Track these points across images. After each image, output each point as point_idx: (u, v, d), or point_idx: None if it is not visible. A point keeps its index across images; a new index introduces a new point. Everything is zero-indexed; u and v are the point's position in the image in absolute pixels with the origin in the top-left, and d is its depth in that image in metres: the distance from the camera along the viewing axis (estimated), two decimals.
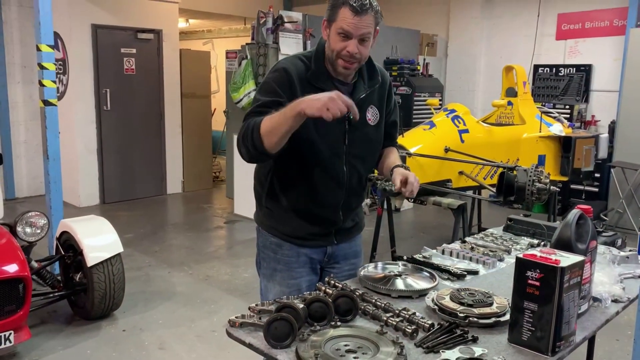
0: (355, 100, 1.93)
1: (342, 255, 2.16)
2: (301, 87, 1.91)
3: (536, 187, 3.54)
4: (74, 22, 6.87)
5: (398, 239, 4.99)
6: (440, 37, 8.71)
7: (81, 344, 3.51)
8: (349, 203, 2.08)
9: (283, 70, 1.93)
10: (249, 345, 1.54)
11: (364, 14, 1.83)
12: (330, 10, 1.89)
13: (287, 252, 2.08)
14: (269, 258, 2.13)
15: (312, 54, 1.99)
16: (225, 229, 6.45)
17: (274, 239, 2.11)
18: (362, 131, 2.03)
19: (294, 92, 1.89)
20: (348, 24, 1.84)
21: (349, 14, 1.83)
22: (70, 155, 7.04)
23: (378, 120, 2.08)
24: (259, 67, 6.28)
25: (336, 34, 1.87)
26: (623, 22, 6.82)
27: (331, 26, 1.88)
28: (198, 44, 12.21)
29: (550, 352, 1.49)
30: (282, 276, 2.09)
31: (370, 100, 2.05)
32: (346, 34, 1.85)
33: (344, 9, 1.84)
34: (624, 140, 6.27)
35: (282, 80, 1.92)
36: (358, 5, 1.82)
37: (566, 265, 1.48)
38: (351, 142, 2.01)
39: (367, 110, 2.04)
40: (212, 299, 4.31)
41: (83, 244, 3.57)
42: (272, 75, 1.97)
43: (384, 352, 1.45)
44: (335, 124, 1.91)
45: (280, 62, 2.02)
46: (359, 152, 2.04)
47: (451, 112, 4.79)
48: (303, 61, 1.97)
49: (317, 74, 1.95)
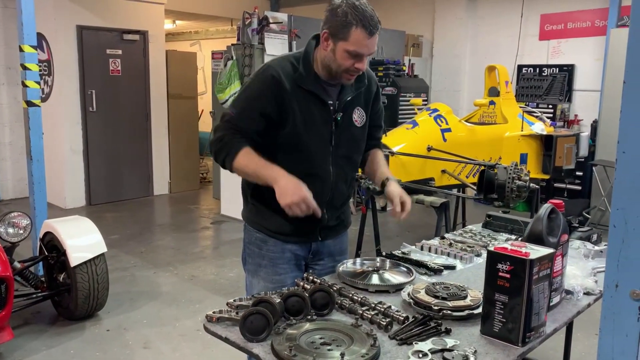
0: (342, 102, 2.01)
1: (327, 252, 2.18)
2: (291, 90, 1.93)
3: (516, 184, 3.59)
4: (59, 24, 6.84)
5: (383, 237, 5.02)
6: (426, 37, 8.77)
7: (65, 344, 3.50)
8: (333, 202, 2.10)
9: (271, 78, 1.92)
10: (225, 340, 1.56)
11: (375, 33, 1.85)
12: (339, 27, 1.84)
13: (272, 247, 2.10)
14: (254, 254, 2.15)
15: (300, 56, 1.99)
16: (212, 229, 6.46)
17: (259, 235, 2.12)
18: (349, 132, 2.07)
19: (283, 96, 1.92)
20: (362, 46, 1.84)
21: (362, 35, 1.82)
22: (55, 156, 7.01)
23: (364, 122, 2.11)
24: (244, 67, 6.30)
25: (345, 52, 1.86)
26: (604, 22, 6.92)
27: (338, 42, 1.86)
28: (185, 45, 12.20)
29: (521, 342, 1.53)
30: (267, 272, 2.10)
31: (357, 102, 2.08)
32: (358, 55, 1.86)
33: (357, 29, 1.82)
34: (606, 138, 6.35)
35: (268, 88, 1.92)
36: (372, 26, 1.83)
37: (535, 258, 1.52)
38: (338, 142, 2.04)
39: (353, 111, 2.07)
40: (197, 299, 4.32)
41: (66, 244, 3.57)
42: (258, 82, 1.96)
43: (358, 344, 1.48)
44: (322, 124, 1.98)
45: (269, 65, 1.99)
46: (345, 152, 2.08)
47: (434, 111, 4.84)
48: (292, 63, 1.97)
49: (306, 77, 1.95)
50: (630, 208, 1.10)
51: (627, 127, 1.10)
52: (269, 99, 1.92)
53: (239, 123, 1.95)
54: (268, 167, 1.90)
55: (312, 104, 1.97)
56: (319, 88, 1.97)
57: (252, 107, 1.94)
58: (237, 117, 1.95)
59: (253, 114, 1.94)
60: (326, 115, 2.00)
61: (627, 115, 1.09)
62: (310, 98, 1.96)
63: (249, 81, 2.01)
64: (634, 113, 1.08)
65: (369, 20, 1.82)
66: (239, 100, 2.00)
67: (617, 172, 1.13)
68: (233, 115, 1.96)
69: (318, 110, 1.98)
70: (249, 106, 1.95)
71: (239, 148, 1.92)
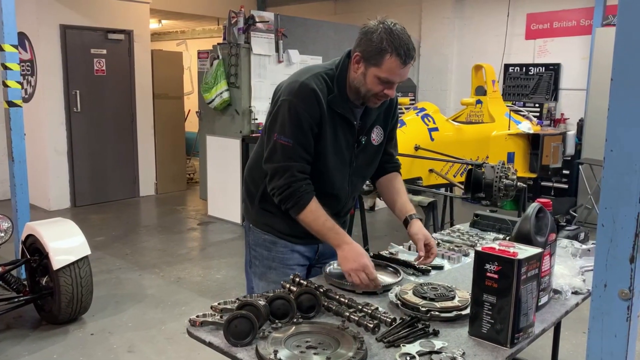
0: (367, 124, 1.99)
1: (330, 253, 2.12)
2: (325, 109, 1.87)
3: (503, 183, 3.58)
4: (42, 22, 6.74)
5: (372, 237, 5.00)
6: (413, 37, 8.70)
7: (47, 349, 3.44)
8: (341, 212, 2.13)
9: (313, 93, 1.85)
10: (209, 344, 1.52)
11: (409, 63, 1.81)
12: (373, 53, 1.79)
13: (281, 249, 2.08)
14: (261, 257, 2.11)
15: (334, 75, 1.91)
16: (199, 230, 6.39)
17: (268, 237, 2.09)
18: (367, 152, 2.06)
19: (321, 113, 1.86)
20: (394, 75, 1.81)
21: (396, 64, 1.78)
22: (39, 157, 6.91)
23: (382, 140, 2.10)
24: (230, 67, 6.25)
25: (376, 78, 1.82)
26: (589, 21, 6.96)
27: (370, 68, 1.82)
28: (172, 45, 12.11)
29: (509, 343, 1.51)
30: (278, 273, 2.07)
31: (377, 121, 2.06)
32: (389, 82, 1.83)
33: (391, 58, 1.78)
34: (592, 137, 6.39)
35: (312, 103, 1.85)
36: (407, 56, 1.78)
37: (523, 258, 1.50)
38: (357, 163, 2.04)
39: (372, 130, 2.05)
40: (184, 301, 4.27)
41: (49, 247, 3.51)
42: (300, 101, 1.85)
43: (345, 347, 1.45)
44: (346, 147, 1.97)
45: (302, 81, 1.88)
46: (361, 172, 2.10)
47: (421, 110, 4.83)
48: (326, 82, 1.90)
49: (339, 99, 1.90)
50: (618, 207, 1.08)
51: (614, 124, 1.08)
52: (313, 116, 1.86)
53: (296, 151, 1.87)
54: (332, 231, 1.90)
55: (340, 126, 1.93)
56: (348, 110, 1.92)
57: (303, 129, 1.85)
58: (294, 145, 1.86)
59: (307, 137, 1.87)
60: (351, 137, 1.98)
61: (615, 113, 1.08)
62: (339, 120, 1.93)
63: (286, 104, 1.87)
64: (621, 110, 1.07)
65: (405, 49, 1.78)
66: (284, 126, 1.86)
67: (604, 170, 1.11)
68: (289, 145, 1.86)
69: (344, 132, 1.95)
70: (300, 130, 1.85)
71: (306, 201, 1.88)
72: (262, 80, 6.31)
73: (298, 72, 1.98)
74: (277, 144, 1.88)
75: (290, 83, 1.91)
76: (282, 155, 1.88)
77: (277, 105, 1.90)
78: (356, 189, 2.14)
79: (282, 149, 1.87)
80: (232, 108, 6.33)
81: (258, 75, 6.29)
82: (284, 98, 1.88)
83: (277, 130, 1.88)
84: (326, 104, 1.88)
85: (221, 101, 6.22)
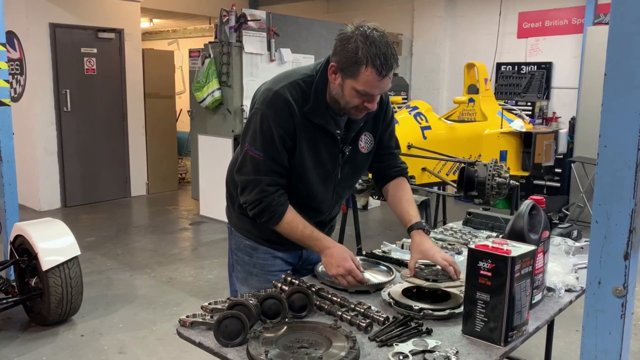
0: (351, 133, 1.89)
1: (316, 258, 2.05)
2: (300, 119, 1.77)
3: (496, 181, 3.58)
4: (31, 21, 6.68)
5: (365, 236, 5.00)
6: (405, 36, 8.77)
7: (37, 351, 3.40)
8: (325, 219, 2.07)
9: (285, 103, 1.75)
10: (199, 345, 1.50)
11: (388, 74, 1.67)
12: (348, 63, 1.67)
13: (262, 255, 2.01)
14: (243, 262, 2.05)
15: (313, 82, 1.79)
16: (191, 230, 6.36)
17: (249, 242, 2.02)
18: (354, 162, 1.96)
19: (295, 124, 1.77)
20: (371, 87, 1.67)
21: (373, 76, 1.65)
22: (29, 157, 6.85)
23: (371, 147, 1.99)
24: (222, 65, 6.21)
25: (354, 90, 1.70)
26: (581, 20, 6.99)
27: (346, 79, 1.69)
28: (163, 44, 12.04)
29: (503, 342, 1.49)
30: (259, 280, 2.01)
31: (366, 127, 1.93)
32: (368, 94, 1.71)
33: (367, 69, 1.64)
34: (584, 135, 6.41)
35: (283, 115, 1.75)
36: (384, 67, 1.64)
37: (517, 255, 1.48)
38: (342, 173, 1.95)
39: (360, 137, 1.94)
40: (175, 302, 4.23)
41: (38, 248, 3.46)
42: (271, 112, 1.76)
43: (337, 346, 1.43)
44: (329, 159, 1.88)
45: (276, 90, 1.78)
46: (347, 182, 2.02)
47: (414, 109, 4.82)
48: (302, 90, 1.78)
49: (316, 109, 1.78)
50: (612, 203, 1.07)
51: (608, 120, 1.07)
52: (286, 129, 1.76)
53: (267, 165, 1.79)
54: (312, 238, 1.85)
55: (319, 137, 1.83)
56: (328, 119, 1.80)
57: (274, 142, 1.76)
58: (264, 159, 1.78)
59: (278, 150, 1.77)
60: (334, 149, 1.87)
61: (608, 109, 1.07)
62: (318, 131, 1.81)
63: (258, 114, 1.78)
64: (614, 106, 1.05)
65: (382, 59, 1.63)
66: (256, 138, 1.78)
67: (598, 167, 1.10)
68: (260, 158, 1.78)
69: (325, 143, 1.85)
70: (271, 143, 1.77)
71: (281, 213, 1.82)
72: (254, 79, 6.27)
73: (276, 78, 1.86)
74: (248, 155, 1.81)
75: (265, 90, 1.82)
76: (252, 168, 1.81)
77: (252, 113, 1.83)
78: (342, 197, 2.06)
79: (252, 162, 1.80)
80: (223, 107, 6.29)
81: (250, 74, 6.26)
82: (257, 107, 1.80)
83: (248, 140, 1.81)
84: (303, 115, 1.77)
85: (213, 100, 6.19)
